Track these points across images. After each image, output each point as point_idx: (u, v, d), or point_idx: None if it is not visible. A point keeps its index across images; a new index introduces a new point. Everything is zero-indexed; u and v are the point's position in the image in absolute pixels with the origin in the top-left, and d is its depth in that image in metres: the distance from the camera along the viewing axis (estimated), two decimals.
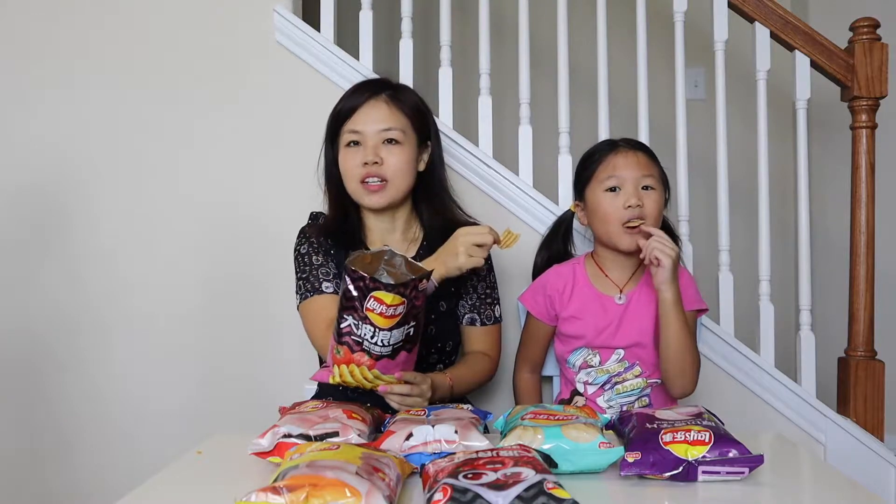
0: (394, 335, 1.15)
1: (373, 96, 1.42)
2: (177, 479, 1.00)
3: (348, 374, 1.18)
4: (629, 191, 1.40)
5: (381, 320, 1.13)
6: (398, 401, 1.23)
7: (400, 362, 1.19)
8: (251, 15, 1.83)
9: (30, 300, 1.84)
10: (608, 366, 1.45)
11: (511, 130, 1.87)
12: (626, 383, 1.44)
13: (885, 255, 2.08)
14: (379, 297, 1.12)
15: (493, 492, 0.77)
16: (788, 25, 1.79)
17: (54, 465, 1.84)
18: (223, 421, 1.79)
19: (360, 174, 1.39)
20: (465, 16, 2.16)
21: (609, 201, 1.42)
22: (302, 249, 1.46)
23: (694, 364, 1.40)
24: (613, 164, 1.43)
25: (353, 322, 1.14)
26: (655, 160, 1.47)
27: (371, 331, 1.14)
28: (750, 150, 1.88)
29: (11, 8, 1.85)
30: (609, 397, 1.45)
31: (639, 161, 1.43)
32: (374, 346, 1.15)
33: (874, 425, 1.77)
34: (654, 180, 1.42)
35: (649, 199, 1.41)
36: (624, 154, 1.44)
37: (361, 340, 1.15)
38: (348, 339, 1.15)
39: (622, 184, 1.41)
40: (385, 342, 1.15)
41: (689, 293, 1.44)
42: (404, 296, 1.13)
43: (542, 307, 1.51)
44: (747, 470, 0.94)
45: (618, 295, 1.46)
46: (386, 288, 1.12)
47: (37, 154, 1.85)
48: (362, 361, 1.17)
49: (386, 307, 1.12)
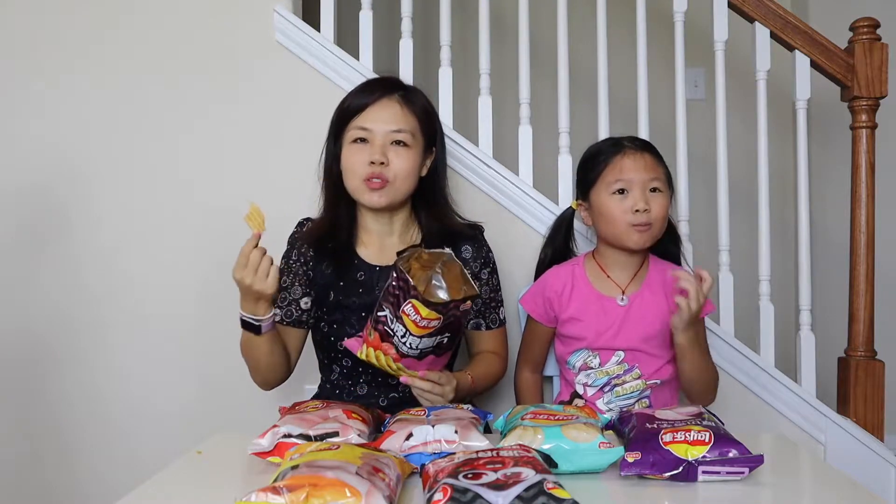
0: (423, 342, 1.15)
1: (385, 95, 1.40)
2: (177, 479, 1.00)
3: (374, 357, 1.19)
4: (636, 195, 1.40)
5: (413, 327, 1.13)
6: (418, 394, 1.23)
7: (425, 363, 1.20)
8: (251, 15, 1.83)
9: (30, 300, 1.84)
10: (608, 367, 1.44)
11: (511, 130, 1.87)
12: (625, 385, 1.44)
13: (885, 255, 2.08)
14: (416, 307, 1.11)
15: (493, 492, 0.77)
16: (788, 25, 1.79)
17: (54, 465, 1.84)
18: (223, 421, 1.79)
19: (365, 172, 1.37)
20: (465, 16, 2.16)
21: (616, 204, 1.41)
22: (281, 264, 1.45)
23: (714, 380, 1.44)
24: (620, 167, 1.42)
25: (389, 315, 1.14)
26: (660, 159, 1.46)
27: (403, 331, 1.14)
28: (750, 150, 1.88)
29: (11, 8, 1.85)
30: (608, 399, 1.44)
31: (646, 163, 1.42)
32: (402, 346, 1.15)
33: (874, 425, 1.77)
34: (660, 182, 1.42)
35: (656, 202, 1.40)
36: (632, 156, 1.43)
37: (392, 335, 1.15)
38: (382, 327, 1.16)
39: (630, 187, 1.41)
40: (413, 346, 1.15)
41: None
42: (441, 314, 1.12)
43: (541, 309, 1.50)
44: (747, 470, 0.94)
45: (620, 296, 1.46)
46: (425, 303, 1.10)
47: (37, 154, 1.85)
48: (389, 352, 1.17)
49: (420, 318, 1.11)
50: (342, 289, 1.41)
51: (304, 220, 1.51)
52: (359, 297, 1.41)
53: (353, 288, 1.42)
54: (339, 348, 1.41)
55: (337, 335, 1.41)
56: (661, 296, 1.45)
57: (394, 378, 1.41)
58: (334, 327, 1.42)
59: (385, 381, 1.42)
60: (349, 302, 1.41)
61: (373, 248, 1.46)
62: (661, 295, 1.45)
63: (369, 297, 1.40)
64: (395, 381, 1.41)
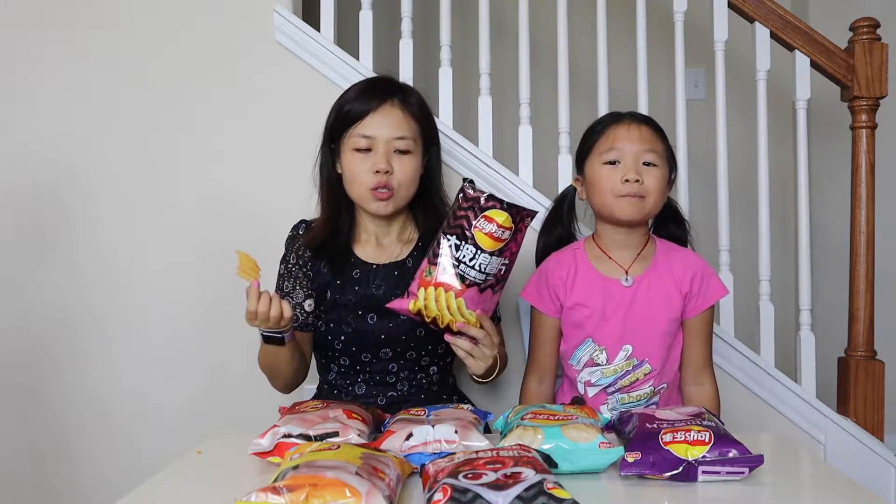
0: (492, 263, 1.18)
1: (386, 101, 1.40)
2: (177, 479, 1.00)
3: (433, 299, 1.18)
4: (628, 164, 1.33)
5: (487, 241, 1.16)
6: (467, 348, 1.22)
7: (485, 299, 1.21)
8: (251, 15, 1.83)
9: (29, 300, 1.84)
10: (616, 364, 1.38)
11: (511, 130, 1.87)
12: (633, 393, 1.38)
13: (885, 255, 2.08)
14: (491, 217, 1.16)
15: (493, 492, 0.77)
16: (788, 25, 1.79)
17: (54, 464, 1.84)
18: (223, 421, 1.79)
19: (371, 181, 1.37)
20: (465, 16, 2.17)
21: (607, 174, 1.35)
22: (281, 269, 1.47)
23: (716, 408, 1.42)
24: (614, 136, 1.36)
25: (455, 242, 1.17)
26: (662, 135, 1.40)
27: (472, 252, 1.17)
28: (750, 150, 1.88)
29: (11, 8, 1.85)
30: (612, 406, 1.38)
31: (641, 135, 1.36)
32: (471, 271, 1.17)
33: (874, 425, 1.77)
34: (656, 156, 1.35)
35: (650, 175, 1.34)
36: (626, 126, 1.37)
37: (458, 262, 1.17)
38: (444, 259, 1.17)
39: (622, 157, 1.34)
40: (482, 268, 1.17)
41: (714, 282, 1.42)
42: (514, 221, 1.17)
43: (546, 299, 1.43)
44: (747, 470, 0.94)
45: (624, 277, 1.39)
46: (502, 206, 1.16)
47: (37, 154, 1.85)
48: (451, 285, 1.17)
49: (497, 227, 1.16)
50: (339, 286, 1.42)
51: (299, 223, 1.51)
52: (355, 294, 1.41)
53: (349, 285, 1.42)
54: (337, 347, 1.41)
55: (334, 334, 1.41)
56: (668, 281, 1.39)
57: (392, 376, 1.42)
58: (331, 326, 1.42)
59: (383, 380, 1.42)
60: (345, 300, 1.41)
61: (369, 246, 1.46)
62: (669, 280, 1.39)
63: (365, 294, 1.41)
64: (394, 379, 1.42)
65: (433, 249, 1.19)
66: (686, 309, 1.40)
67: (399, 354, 1.41)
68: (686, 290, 1.39)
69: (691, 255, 1.44)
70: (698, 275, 1.40)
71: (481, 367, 1.24)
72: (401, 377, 1.43)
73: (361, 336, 1.40)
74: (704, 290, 1.40)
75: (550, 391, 1.48)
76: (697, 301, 1.40)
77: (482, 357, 1.23)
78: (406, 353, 1.41)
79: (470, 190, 1.17)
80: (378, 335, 1.39)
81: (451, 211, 1.19)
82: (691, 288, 1.39)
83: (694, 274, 1.39)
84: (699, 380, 1.42)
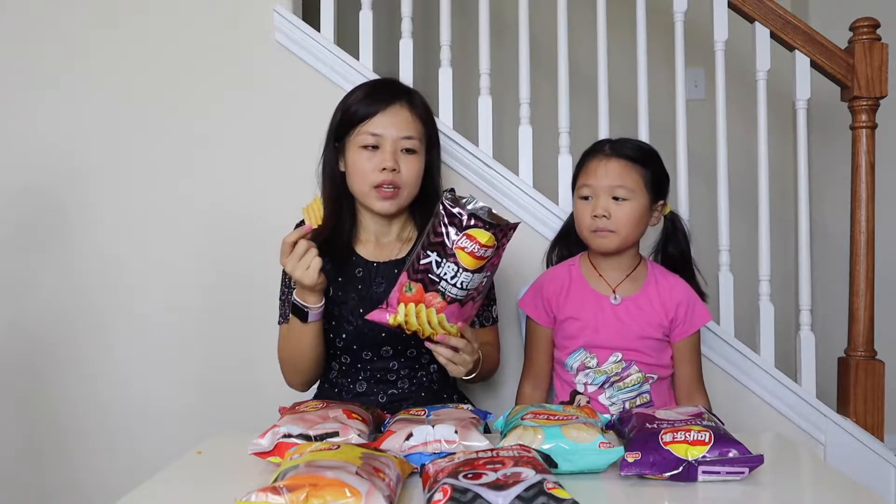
0: (473, 279, 1.15)
1: (394, 102, 1.42)
2: (177, 479, 1.00)
3: (413, 315, 1.16)
4: (598, 200, 1.41)
5: (469, 260, 1.12)
6: (448, 356, 1.22)
7: (466, 311, 1.20)
8: (251, 15, 1.83)
9: (30, 300, 1.84)
10: (606, 367, 1.45)
11: (511, 130, 1.87)
12: (626, 380, 1.45)
13: (885, 255, 2.08)
14: (473, 236, 1.11)
15: (493, 492, 0.77)
16: (788, 25, 1.79)
17: (54, 465, 1.84)
18: (223, 421, 1.79)
19: (377, 179, 1.38)
20: (465, 16, 2.16)
21: (582, 209, 1.45)
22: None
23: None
24: (587, 171, 1.45)
25: (435, 259, 1.13)
26: (641, 164, 1.44)
27: (454, 270, 1.13)
28: (750, 150, 1.88)
29: (11, 8, 1.85)
30: (611, 394, 1.45)
31: (610, 171, 1.41)
32: (452, 288, 1.14)
33: (874, 425, 1.77)
34: (625, 191, 1.40)
35: (620, 210, 1.40)
36: (598, 161, 1.44)
37: (439, 280, 1.14)
38: (425, 276, 1.14)
39: (594, 193, 1.42)
40: (464, 285, 1.14)
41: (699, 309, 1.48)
42: (496, 239, 1.13)
43: (541, 311, 1.51)
44: (747, 470, 0.95)
45: (612, 295, 1.47)
46: (485, 226, 1.11)
47: (37, 154, 1.85)
48: (433, 303, 1.15)
49: (479, 247, 1.12)
50: (340, 284, 1.42)
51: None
52: (357, 292, 1.42)
53: (351, 284, 1.42)
54: (338, 345, 1.42)
55: (335, 332, 1.41)
56: (657, 304, 1.46)
57: (393, 374, 1.43)
58: (332, 324, 1.42)
59: (384, 378, 1.43)
60: (347, 298, 1.41)
61: (370, 245, 1.47)
62: (658, 303, 1.46)
63: (367, 292, 1.41)
64: (395, 377, 1.43)
65: (413, 264, 1.16)
66: (672, 333, 1.47)
67: (399, 352, 1.42)
68: (672, 315, 1.46)
69: (679, 283, 1.49)
70: (683, 302, 1.47)
71: (461, 371, 1.25)
72: (401, 375, 1.43)
73: (362, 334, 1.40)
74: (690, 316, 1.47)
75: (545, 396, 1.54)
76: (683, 327, 1.47)
77: (463, 363, 1.24)
78: (406, 351, 1.42)
79: (450, 204, 1.13)
80: (379, 333, 1.39)
81: (431, 223, 1.15)
82: (676, 314, 1.46)
83: (679, 302, 1.47)
84: (692, 399, 1.49)
